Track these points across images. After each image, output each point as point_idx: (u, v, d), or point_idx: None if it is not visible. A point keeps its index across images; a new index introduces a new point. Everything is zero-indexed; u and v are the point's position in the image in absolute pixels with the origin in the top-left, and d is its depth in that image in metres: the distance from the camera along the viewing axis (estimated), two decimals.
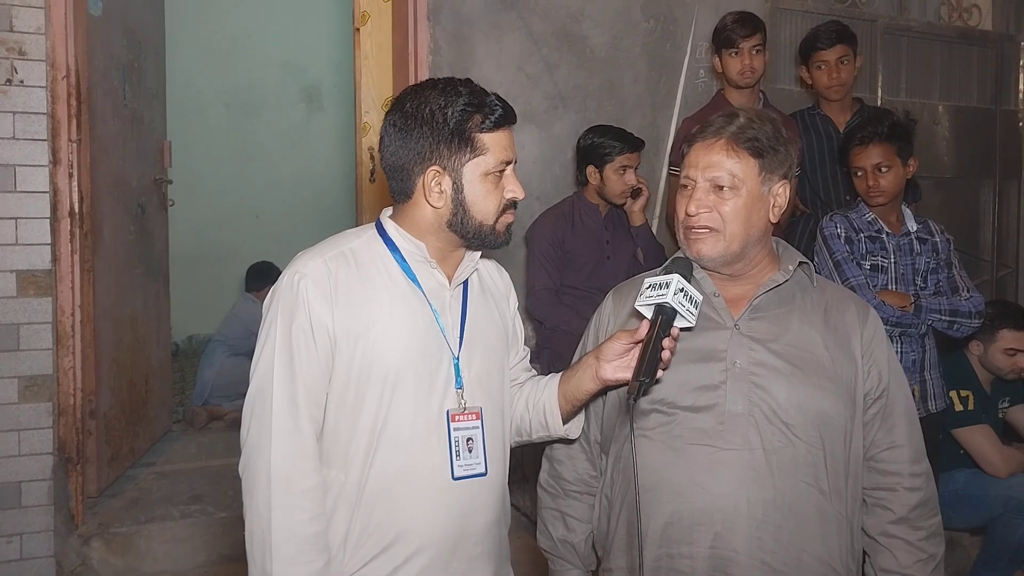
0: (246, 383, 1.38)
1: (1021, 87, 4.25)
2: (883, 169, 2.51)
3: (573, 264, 2.88)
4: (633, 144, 2.85)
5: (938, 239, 2.61)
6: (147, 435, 3.53)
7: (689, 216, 1.47)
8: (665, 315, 1.32)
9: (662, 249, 2.97)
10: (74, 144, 2.72)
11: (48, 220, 2.70)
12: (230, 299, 4.89)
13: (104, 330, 3.00)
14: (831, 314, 1.51)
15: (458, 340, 1.43)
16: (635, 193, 2.88)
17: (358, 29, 3.36)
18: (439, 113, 1.35)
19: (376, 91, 3.36)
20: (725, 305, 1.50)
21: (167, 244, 3.84)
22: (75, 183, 2.74)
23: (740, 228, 1.45)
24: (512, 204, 1.42)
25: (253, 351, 1.38)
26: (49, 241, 2.70)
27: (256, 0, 5.93)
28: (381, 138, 1.43)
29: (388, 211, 1.48)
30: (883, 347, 1.52)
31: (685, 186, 1.49)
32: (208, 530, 2.91)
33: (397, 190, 1.42)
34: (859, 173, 2.56)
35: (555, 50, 3.23)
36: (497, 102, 1.38)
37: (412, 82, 3.04)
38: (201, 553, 2.88)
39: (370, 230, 1.45)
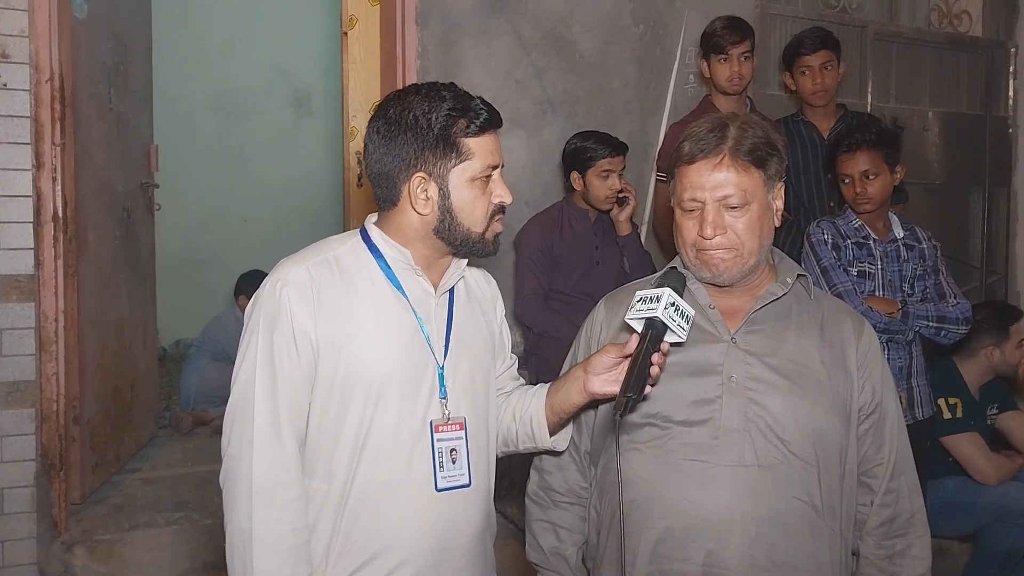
0: (230, 388, 1.36)
1: (1011, 93, 4.25)
2: (870, 176, 2.51)
3: (562, 269, 2.86)
4: (615, 148, 2.82)
5: (925, 246, 2.61)
6: (132, 441, 3.50)
7: (705, 239, 1.42)
8: (655, 330, 1.30)
9: (649, 258, 2.95)
10: (58, 148, 2.70)
11: (31, 224, 2.67)
12: (218, 304, 4.87)
13: (89, 335, 2.97)
14: (827, 328, 1.49)
15: (443, 349, 1.41)
16: (621, 201, 2.85)
17: (346, 33, 3.35)
18: (423, 119, 1.33)
19: (364, 95, 3.34)
20: (721, 318, 1.48)
21: (153, 248, 3.81)
22: (59, 187, 2.71)
23: (756, 243, 1.44)
24: (500, 209, 1.40)
25: (230, 359, 1.36)
26: (32, 246, 2.67)
27: (244, 4, 5.90)
28: (365, 145, 1.41)
29: (373, 217, 1.46)
30: (878, 361, 1.50)
31: (692, 210, 1.44)
32: (193, 537, 2.88)
33: (382, 197, 1.41)
34: (846, 180, 2.56)
35: (544, 55, 3.22)
36: (482, 106, 1.36)
37: (400, 87, 3.01)
38: (185, 560, 2.85)
39: (354, 237, 1.44)
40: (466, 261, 1.47)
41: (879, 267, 2.54)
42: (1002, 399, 3.22)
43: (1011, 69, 4.24)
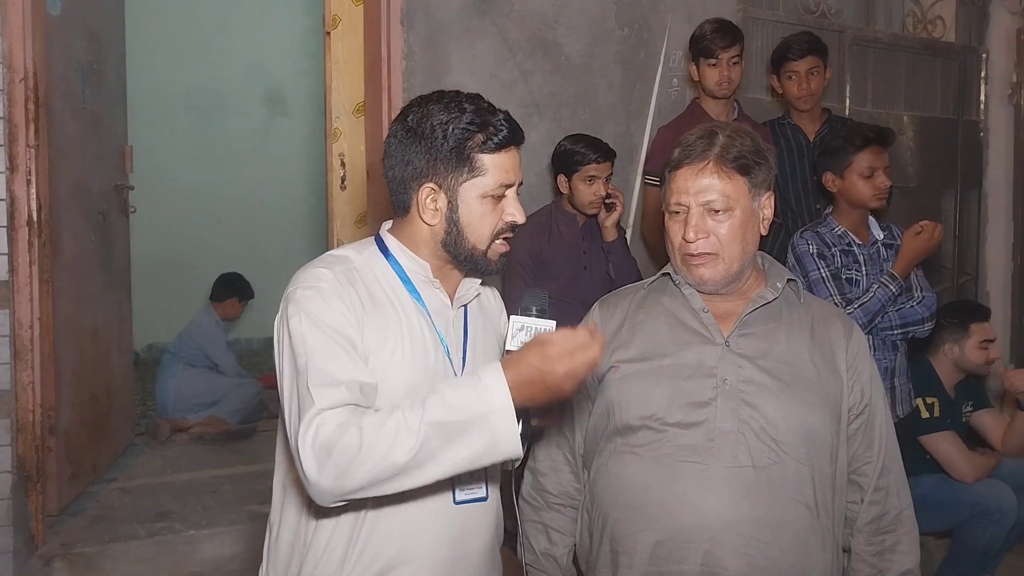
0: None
1: (982, 97, 4.34)
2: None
3: (550, 274, 2.85)
4: (603, 154, 2.80)
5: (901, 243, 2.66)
6: (109, 450, 3.42)
7: (687, 243, 1.48)
8: None
9: (635, 264, 2.94)
10: (32, 150, 2.62)
11: (5, 229, 2.59)
12: (193, 306, 4.76)
13: (64, 343, 2.90)
14: (817, 330, 1.54)
15: (461, 360, 1.41)
16: (609, 207, 2.85)
17: (329, 33, 3.30)
18: (440, 129, 1.31)
19: (347, 96, 3.30)
20: (714, 321, 1.51)
21: (129, 252, 3.73)
22: (33, 190, 2.63)
23: (738, 248, 1.48)
24: (510, 228, 1.39)
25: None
26: (6, 251, 2.59)
27: (220, 1, 5.81)
28: (385, 148, 1.39)
29: (388, 224, 1.45)
30: (867, 362, 1.55)
31: (677, 212, 1.50)
32: (175, 548, 2.82)
33: (396, 203, 1.40)
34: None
35: (529, 57, 3.21)
36: (504, 123, 1.34)
37: (385, 88, 3.00)
38: (167, 572, 2.80)
39: (370, 247, 1.42)
40: (480, 279, 1.47)
41: (864, 272, 2.58)
42: (976, 397, 3.29)
43: (982, 74, 4.32)
